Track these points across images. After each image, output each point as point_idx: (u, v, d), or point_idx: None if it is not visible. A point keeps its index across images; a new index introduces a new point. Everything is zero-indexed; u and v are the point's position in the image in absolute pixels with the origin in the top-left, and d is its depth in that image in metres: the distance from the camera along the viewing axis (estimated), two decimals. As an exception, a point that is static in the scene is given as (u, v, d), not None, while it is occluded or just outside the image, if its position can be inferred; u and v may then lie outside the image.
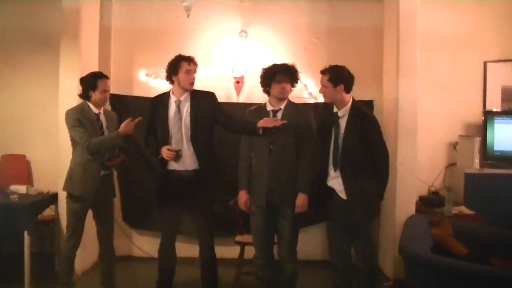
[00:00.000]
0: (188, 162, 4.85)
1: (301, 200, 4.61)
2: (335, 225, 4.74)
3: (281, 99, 4.77)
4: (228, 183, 5.18)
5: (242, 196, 4.86)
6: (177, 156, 4.80)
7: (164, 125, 4.88)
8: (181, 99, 4.90)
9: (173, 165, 4.87)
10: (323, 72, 4.61)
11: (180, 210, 4.99)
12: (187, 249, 5.74)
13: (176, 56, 4.92)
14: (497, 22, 6.58)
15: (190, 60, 4.88)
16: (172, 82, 4.95)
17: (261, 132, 4.66)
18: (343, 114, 4.56)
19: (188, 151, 4.84)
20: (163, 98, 4.99)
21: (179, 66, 4.85)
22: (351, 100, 4.59)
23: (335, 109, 4.63)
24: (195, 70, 4.93)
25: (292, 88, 4.79)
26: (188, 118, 4.85)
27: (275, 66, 4.81)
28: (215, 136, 5.06)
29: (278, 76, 4.71)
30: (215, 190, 5.04)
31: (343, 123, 4.55)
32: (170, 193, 4.89)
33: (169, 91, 4.99)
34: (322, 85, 4.60)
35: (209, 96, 5.01)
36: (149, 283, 5.29)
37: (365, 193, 4.46)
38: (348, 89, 4.55)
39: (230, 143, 5.64)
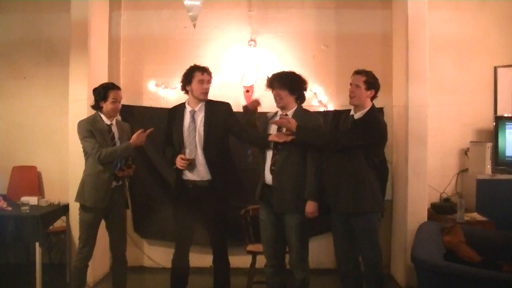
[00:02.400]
0: (202, 172, 4.88)
1: (310, 207, 4.57)
2: (336, 229, 4.73)
3: (281, 105, 4.76)
4: (239, 189, 5.21)
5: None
6: (191, 165, 4.82)
7: (179, 135, 4.92)
8: (196, 109, 4.94)
9: (188, 175, 4.90)
10: (359, 72, 4.63)
11: (194, 220, 5.01)
12: (198, 259, 5.72)
13: (190, 66, 4.97)
14: (506, 27, 6.54)
15: (203, 70, 4.93)
16: (186, 92, 4.99)
17: (272, 145, 4.66)
18: (358, 117, 4.58)
19: (202, 161, 4.87)
20: (180, 108, 5.04)
21: (192, 76, 4.89)
22: (370, 105, 4.61)
23: (352, 112, 4.64)
24: (209, 80, 4.97)
25: (289, 95, 4.71)
26: (202, 128, 4.88)
27: (272, 75, 4.83)
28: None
29: (272, 83, 4.75)
30: (229, 200, 5.06)
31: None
32: (185, 203, 4.91)
33: (185, 101, 5.02)
34: (355, 84, 4.59)
35: (224, 106, 5.05)
36: (160, 293, 5.30)
37: (351, 188, 4.47)
38: (374, 97, 4.63)
39: (241, 148, 5.68)
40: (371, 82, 4.57)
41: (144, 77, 6.71)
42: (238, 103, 6.38)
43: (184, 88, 4.99)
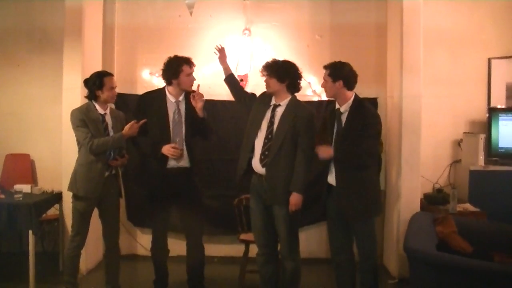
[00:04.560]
0: (184, 160, 4.92)
1: (294, 199, 4.55)
2: (332, 220, 4.75)
3: (270, 92, 4.76)
4: (225, 178, 5.20)
5: None
6: (181, 155, 4.84)
7: (163, 124, 4.91)
8: (180, 99, 4.95)
9: (171, 164, 4.91)
10: (325, 67, 4.64)
11: (173, 206, 5.06)
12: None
13: (175, 58, 4.93)
14: (500, 19, 6.55)
15: (191, 63, 4.93)
16: (170, 83, 4.94)
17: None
18: (344, 110, 4.56)
19: (184, 149, 4.92)
20: (158, 96, 5.00)
21: (180, 70, 4.86)
22: (353, 96, 4.59)
23: (337, 105, 4.63)
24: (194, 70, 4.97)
25: (278, 83, 4.67)
26: (184, 118, 4.93)
27: (265, 62, 4.80)
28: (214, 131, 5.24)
29: (263, 71, 4.75)
30: (203, 186, 5.20)
31: (344, 119, 4.56)
32: (167, 190, 4.92)
33: (163, 89, 5.01)
34: (324, 79, 4.63)
35: None
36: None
37: (358, 190, 4.47)
38: (348, 86, 4.56)
39: (227, 138, 5.70)
40: (336, 74, 4.54)
41: (138, 66, 6.70)
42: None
43: (169, 80, 4.93)
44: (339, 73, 4.53)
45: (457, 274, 4.12)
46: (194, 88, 4.96)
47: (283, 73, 4.68)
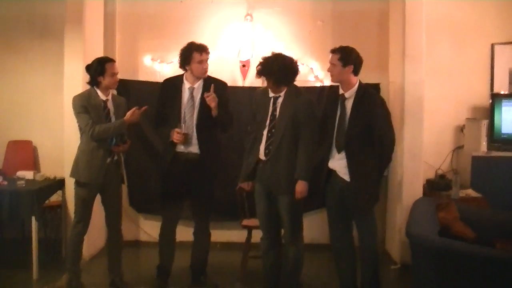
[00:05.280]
0: (193, 146, 4.91)
1: (300, 187, 4.55)
2: (332, 207, 4.75)
3: (272, 89, 4.72)
4: (231, 168, 5.21)
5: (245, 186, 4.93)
6: (186, 139, 4.84)
7: (177, 110, 4.94)
8: (195, 86, 4.97)
9: (180, 148, 4.93)
10: (333, 51, 4.58)
11: (184, 193, 5.04)
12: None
13: (188, 45, 4.94)
14: (503, 4, 6.49)
15: (202, 50, 4.90)
16: (185, 69, 4.98)
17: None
18: (349, 95, 4.54)
19: (195, 138, 4.91)
20: (176, 82, 5.03)
21: (191, 58, 4.87)
22: (357, 82, 4.57)
23: (341, 91, 4.61)
24: (207, 58, 4.95)
25: (278, 82, 4.61)
26: (199, 106, 4.90)
27: (260, 65, 4.69)
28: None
29: (261, 74, 4.68)
30: (217, 174, 5.11)
31: (349, 104, 4.53)
32: (176, 175, 4.94)
33: (182, 75, 5.03)
34: (332, 63, 4.56)
35: (222, 86, 5.04)
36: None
37: (368, 176, 4.46)
38: (356, 71, 4.54)
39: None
40: (347, 58, 4.49)
41: (140, 52, 6.67)
42: (234, 78, 6.41)
43: (183, 67, 4.98)
44: (350, 58, 4.51)
45: (459, 261, 4.11)
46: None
47: (282, 74, 4.60)
